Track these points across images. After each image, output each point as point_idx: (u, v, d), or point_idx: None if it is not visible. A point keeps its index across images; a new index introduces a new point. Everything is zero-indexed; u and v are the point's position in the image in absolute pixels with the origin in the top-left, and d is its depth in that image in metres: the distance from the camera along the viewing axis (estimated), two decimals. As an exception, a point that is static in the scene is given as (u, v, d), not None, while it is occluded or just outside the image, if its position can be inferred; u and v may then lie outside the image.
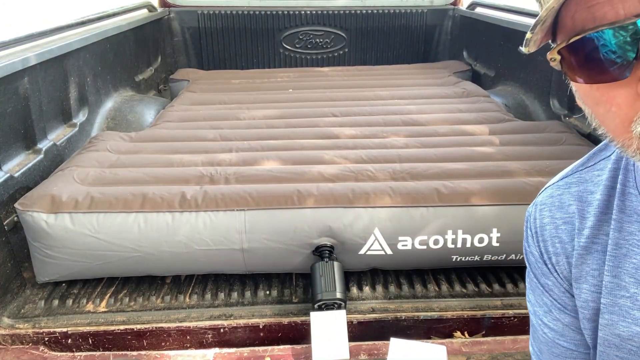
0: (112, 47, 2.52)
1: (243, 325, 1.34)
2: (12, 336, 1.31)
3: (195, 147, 1.91)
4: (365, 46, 3.63)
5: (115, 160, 1.77)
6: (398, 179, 1.58)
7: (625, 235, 0.57)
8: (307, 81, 3.01)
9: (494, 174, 1.59)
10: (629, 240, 0.57)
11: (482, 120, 2.19)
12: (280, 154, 1.80)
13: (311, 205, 1.42)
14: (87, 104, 2.22)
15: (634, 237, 0.56)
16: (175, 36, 3.49)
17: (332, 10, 3.49)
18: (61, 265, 1.40)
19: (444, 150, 1.82)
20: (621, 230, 0.57)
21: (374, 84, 2.89)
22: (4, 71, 1.54)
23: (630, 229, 0.57)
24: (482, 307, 1.38)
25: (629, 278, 0.57)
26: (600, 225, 0.59)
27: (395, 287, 1.47)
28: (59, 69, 1.96)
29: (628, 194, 0.57)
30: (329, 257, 1.39)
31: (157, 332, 1.34)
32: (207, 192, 1.46)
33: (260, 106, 2.49)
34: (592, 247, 0.60)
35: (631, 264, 0.56)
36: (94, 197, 1.42)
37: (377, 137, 1.99)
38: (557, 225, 0.63)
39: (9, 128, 1.61)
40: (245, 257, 1.41)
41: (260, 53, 3.57)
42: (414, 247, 1.41)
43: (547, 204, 0.65)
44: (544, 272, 0.66)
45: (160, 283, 1.50)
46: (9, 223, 1.48)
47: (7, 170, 1.56)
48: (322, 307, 1.32)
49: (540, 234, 0.65)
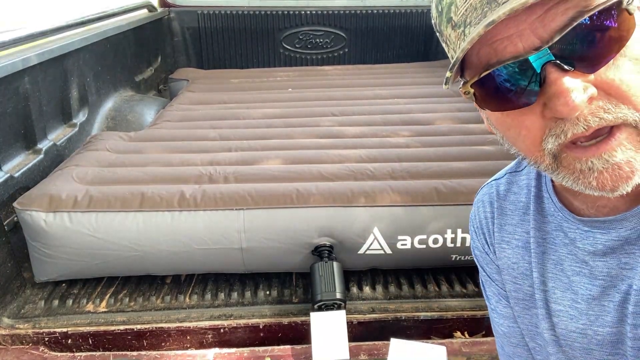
0: (112, 47, 2.52)
1: (243, 325, 1.34)
2: (12, 336, 1.31)
3: (194, 146, 1.91)
4: (365, 46, 3.63)
5: (114, 159, 1.77)
6: (397, 178, 1.58)
7: (543, 234, 0.64)
8: (306, 80, 3.01)
9: (494, 173, 1.57)
10: (546, 238, 0.64)
11: (482, 119, 2.18)
12: (279, 153, 1.80)
13: (310, 204, 1.41)
14: (87, 104, 2.22)
15: (550, 235, 0.63)
16: (175, 36, 3.49)
17: (332, 10, 3.49)
18: (60, 264, 1.40)
19: (444, 149, 1.82)
20: (540, 229, 0.64)
21: (374, 83, 2.89)
22: (4, 71, 1.54)
23: (547, 228, 0.64)
24: (482, 307, 1.37)
25: (549, 273, 0.64)
26: (521, 223, 0.67)
27: (395, 287, 1.47)
28: (59, 69, 1.96)
29: (542, 197, 0.65)
30: (328, 256, 1.39)
31: (157, 332, 1.34)
32: (206, 191, 1.46)
33: (260, 105, 2.49)
34: (512, 242, 0.68)
35: (550, 260, 0.63)
36: (93, 196, 1.42)
37: (377, 136, 1.99)
38: (489, 220, 0.72)
39: (9, 128, 1.61)
40: (244, 257, 1.41)
41: (260, 53, 3.57)
42: (414, 246, 1.41)
43: (483, 201, 0.74)
44: (487, 261, 0.74)
45: (160, 283, 1.50)
46: (9, 223, 1.48)
47: (7, 170, 1.56)
48: (322, 307, 1.32)
49: (480, 227, 0.74)
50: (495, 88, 0.48)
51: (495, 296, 0.74)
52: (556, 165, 0.50)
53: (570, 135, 0.46)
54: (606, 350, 0.58)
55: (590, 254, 0.58)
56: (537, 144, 0.50)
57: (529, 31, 0.45)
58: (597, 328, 0.58)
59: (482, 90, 0.50)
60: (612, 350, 0.58)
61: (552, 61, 0.45)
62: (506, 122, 0.52)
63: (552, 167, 0.50)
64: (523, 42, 0.45)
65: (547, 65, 0.45)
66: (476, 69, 0.49)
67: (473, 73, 0.50)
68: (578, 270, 0.60)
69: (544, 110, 0.47)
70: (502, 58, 0.46)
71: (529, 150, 0.52)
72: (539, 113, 0.48)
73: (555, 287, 0.62)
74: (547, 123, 0.48)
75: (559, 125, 0.47)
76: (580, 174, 0.48)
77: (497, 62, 0.47)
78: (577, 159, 0.48)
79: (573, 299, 0.60)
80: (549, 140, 0.48)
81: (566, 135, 0.46)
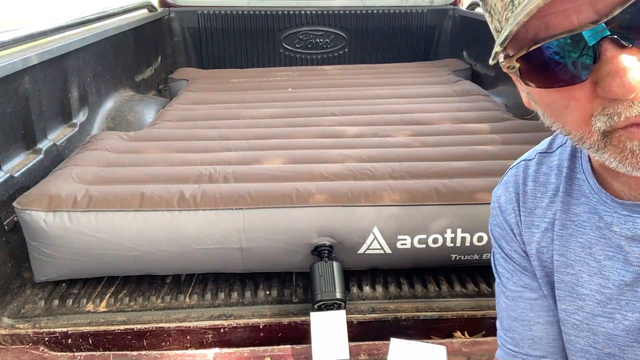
0: (112, 47, 2.52)
1: (243, 325, 1.34)
2: (12, 336, 1.31)
3: (194, 146, 1.91)
4: (365, 46, 3.63)
5: (114, 159, 1.77)
6: (397, 177, 1.58)
7: (571, 217, 0.62)
8: (306, 80, 3.01)
9: (494, 173, 1.59)
10: (575, 221, 0.62)
11: (482, 119, 2.19)
12: (279, 153, 1.80)
13: (310, 204, 1.41)
14: (87, 104, 2.22)
15: (579, 217, 0.61)
16: (175, 36, 3.49)
17: (332, 10, 3.49)
18: (59, 264, 1.40)
19: (444, 149, 1.82)
20: (568, 212, 0.63)
21: (374, 83, 2.89)
22: (4, 71, 1.54)
23: (577, 211, 0.62)
24: (482, 307, 1.37)
25: (575, 256, 0.62)
26: (550, 206, 0.65)
27: (395, 287, 1.47)
28: (59, 69, 1.96)
29: (575, 179, 0.62)
30: (328, 256, 1.39)
31: (157, 332, 1.34)
32: (206, 191, 1.46)
33: (260, 105, 2.49)
34: (542, 226, 0.66)
35: (577, 243, 0.61)
36: (93, 196, 1.42)
37: (377, 136, 1.99)
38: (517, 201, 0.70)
39: (9, 128, 1.61)
40: (244, 256, 1.41)
41: (260, 53, 3.57)
42: (413, 245, 1.41)
43: (510, 181, 0.72)
44: (508, 239, 0.73)
45: (160, 283, 1.50)
46: (9, 223, 1.48)
47: (7, 170, 1.56)
48: (322, 307, 1.31)
49: (505, 207, 0.72)
50: (544, 63, 0.45)
51: (507, 272, 0.74)
52: (604, 144, 0.47)
53: (623, 118, 0.43)
54: (632, 337, 0.57)
55: (628, 238, 0.56)
56: (586, 119, 0.47)
57: (587, 5, 0.42)
58: (627, 313, 0.57)
59: (529, 65, 0.47)
60: (637, 337, 0.57)
61: (608, 36, 0.41)
62: (551, 96, 0.49)
63: (598, 145, 0.47)
64: (579, 16, 0.42)
65: (604, 41, 0.42)
66: (523, 42, 0.46)
67: (519, 46, 0.46)
68: (611, 255, 0.58)
69: (597, 89, 0.44)
70: (554, 32, 0.43)
71: (576, 125, 0.48)
72: (591, 90, 0.45)
73: (582, 270, 0.61)
74: (599, 101, 0.45)
75: (612, 106, 0.44)
76: (630, 153, 0.45)
77: (547, 36, 0.44)
78: (629, 139, 0.45)
79: (601, 284, 0.59)
80: (600, 118, 0.45)
81: (620, 117, 0.44)
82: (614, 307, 0.58)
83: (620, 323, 0.58)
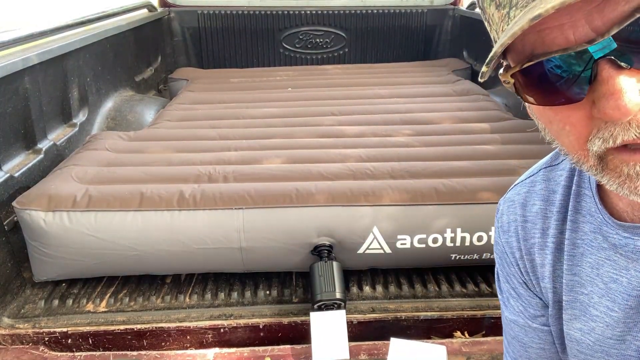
0: (112, 47, 2.52)
1: (243, 325, 1.34)
2: (12, 336, 1.31)
3: (194, 146, 1.91)
4: (365, 46, 3.63)
5: (114, 159, 1.77)
6: (397, 177, 1.57)
7: (581, 235, 0.60)
8: (306, 80, 3.01)
9: (493, 172, 1.59)
10: (584, 240, 0.59)
11: (482, 119, 2.19)
12: (279, 153, 1.80)
13: (310, 204, 1.41)
14: (87, 104, 2.22)
15: (587, 236, 0.59)
16: (175, 36, 3.49)
17: (332, 10, 3.49)
18: (59, 264, 1.40)
19: (444, 149, 1.82)
20: (577, 230, 0.60)
21: (374, 82, 2.89)
22: (4, 71, 1.54)
23: (585, 229, 0.59)
24: (482, 307, 1.37)
25: (586, 276, 0.60)
26: (559, 224, 0.62)
27: (395, 287, 1.47)
28: (59, 69, 1.96)
29: (583, 195, 0.60)
30: (327, 256, 1.39)
31: (157, 332, 1.34)
32: (206, 190, 1.46)
33: (260, 105, 2.49)
34: (552, 246, 0.63)
35: (587, 262, 0.59)
36: (92, 196, 1.42)
37: (377, 136, 1.99)
38: (520, 223, 0.66)
39: (9, 128, 1.61)
40: (243, 256, 1.41)
41: (260, 53, 3.57)
42: (413, 245, 1.41)
43: (514, 200, 0.68)
44: (508, 262, 0.70)
45: (160, 283, 1.50)
46: (9, 223, 1.48)
47: (7, 170, 1.56)
48: (322, 307, 1.31)
49: (507, 229, 0.69)
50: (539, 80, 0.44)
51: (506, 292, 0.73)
52: (601, 168, 0.46)
53: (620, 141, 0.42)
54: None
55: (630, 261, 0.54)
56: (582, 142, 0.45)
57: (584, 21, 0.39)
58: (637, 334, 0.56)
59: (524, 81, 0.45)
60: None
61: (606, 56, 0.39)
62: (549, 115, 0.47)
63: (596, 169, 0.46)
64: (575, 33, 0.40)
65: (601, 60, 0.40)
66: (519, 56, 0.45)
67: (515, 60, 0.45)
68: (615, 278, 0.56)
69: (593, 109, 0.42)
70: (549, 49, 0.41)
71: (572, 148, 0.47)
72: (587, 111, 0.43)
73: (593, 291, 0.59)
74: (595, 123, 0.43)
75: (608, 129, 0.42)
76: (627, 178, 0.44)
77: (543, 53, 0.42)
78: (625, 163, 0.43)
79: (609, 306, 0.57)
80: (595, 142, 0.44)
81: (615, 140, 0.42)
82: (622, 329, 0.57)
83: (632, 344, 0.56)
